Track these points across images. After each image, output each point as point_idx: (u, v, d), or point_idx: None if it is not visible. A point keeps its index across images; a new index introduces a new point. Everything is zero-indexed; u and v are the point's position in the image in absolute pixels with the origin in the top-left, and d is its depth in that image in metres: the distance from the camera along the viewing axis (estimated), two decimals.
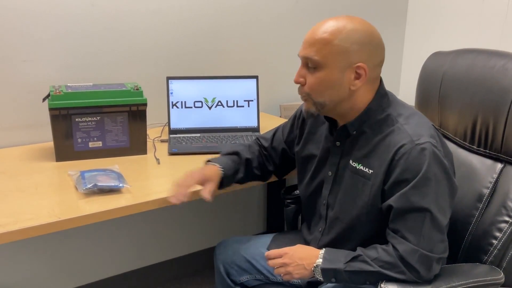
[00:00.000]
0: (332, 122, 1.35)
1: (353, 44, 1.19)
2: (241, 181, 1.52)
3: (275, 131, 1.59)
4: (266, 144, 1.58)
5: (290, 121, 1.55)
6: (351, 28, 1.19)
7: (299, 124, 1.49)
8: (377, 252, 1.18)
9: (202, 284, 2.35)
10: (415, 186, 1.16)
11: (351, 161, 1.29)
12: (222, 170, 1.43)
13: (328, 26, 1.20)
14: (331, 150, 1.35)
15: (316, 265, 1.21)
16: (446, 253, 1.18)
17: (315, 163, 1.40)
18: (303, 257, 1.24)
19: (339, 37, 1.18)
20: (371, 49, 1.22)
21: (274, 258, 1.27)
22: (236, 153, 1.52)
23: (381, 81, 1.29)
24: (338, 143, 1.33)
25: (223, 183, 1.44)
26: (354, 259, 1.19)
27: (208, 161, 1.48)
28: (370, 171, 1.24)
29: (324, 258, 1.22)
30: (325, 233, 1.37)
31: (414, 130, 1.21)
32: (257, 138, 1.62)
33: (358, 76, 1.21)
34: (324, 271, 1.20)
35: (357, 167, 1.27)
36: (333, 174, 1.34)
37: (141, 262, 2.30)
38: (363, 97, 1.25)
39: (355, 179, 1.28)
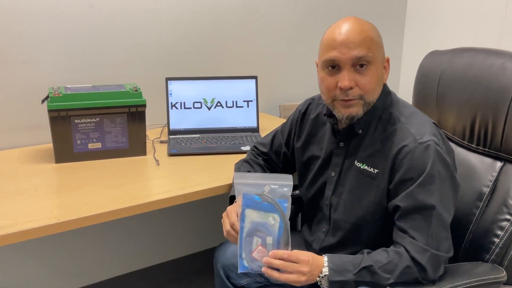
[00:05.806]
0: (334, 122, 1.33)
1: (381, 39, 1.25)
2: None
3: (274, 135, 1.58)
4: (265, 149, 1.57)
5: (288, 124, 1.54)
6: (372, 25, 1.24)
7: (298, 123, 1.48)
8: (387, 255, 1.14)
9: (202, 285, 2.34)
10: (421, 184, 1.15)
11: (356, 162, 1.29)
12: None
13: (361, 25, 1.22)
14: (334, 151, 1.34)
15: (324, 275, 1.13)
16: (451, 252, 1.17)
17: (318, 165, 1.39)
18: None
19: (376, 34, 1.23)
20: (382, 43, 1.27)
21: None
22: None
23: None
24: (341, 144, 1.32)
25: None
26: (364, 269, 1.13)
27: (232, 196, 1.42)
28: (376, 170, 1.24)
29: (330, 268, 1.13)
30: (329, 234, 1.36)
31: (416, 129, 1.21)
32: (254, 147, 1.61)
33: (385, 69, 1.27)
34: (333, 283, 1.13)
35: (362, 167, 1.27)
36: (336, 175, 1.33)
37: (141, 263, 2.29)
38: None
39: (360, 179, 1.27)
